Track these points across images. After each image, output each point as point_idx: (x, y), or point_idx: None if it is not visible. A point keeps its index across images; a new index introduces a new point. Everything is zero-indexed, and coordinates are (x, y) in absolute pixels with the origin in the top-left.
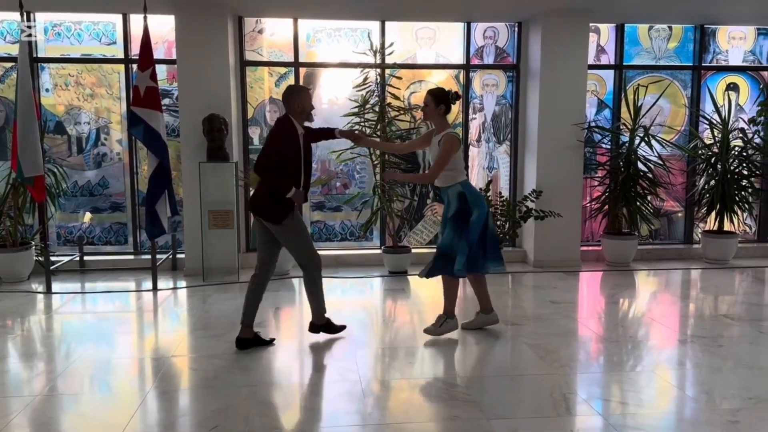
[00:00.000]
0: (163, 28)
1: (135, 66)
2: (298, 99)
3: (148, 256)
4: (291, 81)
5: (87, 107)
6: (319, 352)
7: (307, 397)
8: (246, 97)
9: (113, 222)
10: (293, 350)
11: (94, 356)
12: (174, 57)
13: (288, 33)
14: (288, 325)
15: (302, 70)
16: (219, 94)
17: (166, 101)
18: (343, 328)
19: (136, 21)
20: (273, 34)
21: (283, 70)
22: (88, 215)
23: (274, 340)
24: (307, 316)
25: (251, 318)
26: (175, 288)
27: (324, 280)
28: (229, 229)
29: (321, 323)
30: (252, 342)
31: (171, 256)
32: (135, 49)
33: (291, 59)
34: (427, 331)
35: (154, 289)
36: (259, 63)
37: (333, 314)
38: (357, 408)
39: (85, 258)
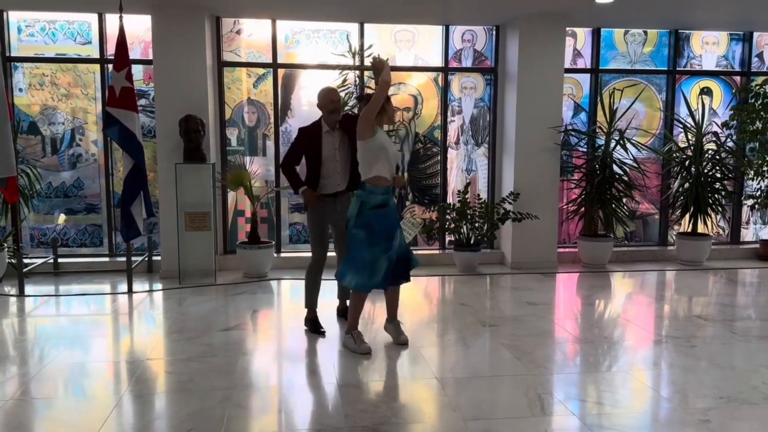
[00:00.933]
0: (139, 28)
1: (111, 66)
2: (318, 99)
3: (124, 258)
4: (269, 82)
5: (62, 107)
6: (297, 354)
7: (285, 400)
8: (224, 97)
9: (88, 224)
10: (271, 353)
11: (67, 360)
12: (150, 57)
13: (266, 34)
14: (265, 327)
15: (281, 72)
16: (196, 95)
17: (142, 102)
18: (322, 333)
19: (112, 20)
20: (251, 35)
21: (261, 71)
22: (62, 217)
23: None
24: (285, 318)
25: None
26: (150, 290)
27: (302, 282)
28: (206, 231)
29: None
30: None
31: (147, 259)
32: (111, 49)
33: (269, 60)
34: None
35: (130, 291)
36: (237, 64)
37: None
38: (335, 410)
39: (60, 260)
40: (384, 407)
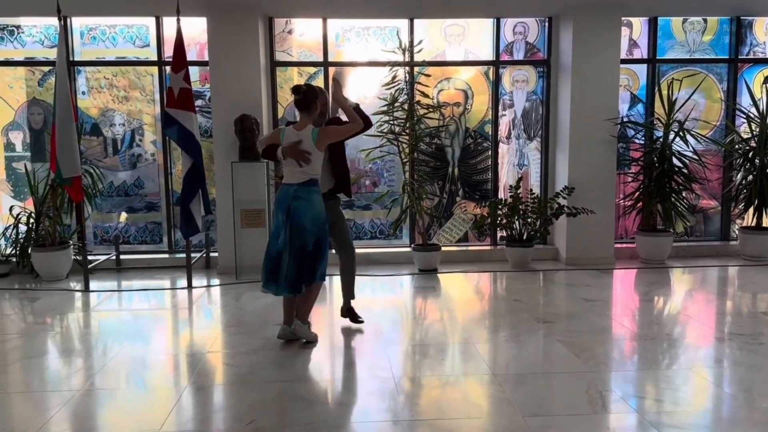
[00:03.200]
0: (195, 30)
1: (168, 68)
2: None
3: (183, 255)
4: (320, 81)
5: (121, 109)
6: (351, 348)
7: (340, 393)
8: (276, 97)
9: (148, 221)
10: (326, 347)
11: (130, 353)
12: (206, 59)
13: (317, 33)
14: (320, 322)
15: (331, 70)
16: (250, 95)
17: (198, 102)
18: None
19: (169, 24)
20: (302, 35)
21: (312, 69)
22: (123, 215)
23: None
24: (337, 312)
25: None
26: (209, 286)
27: (354, 278)
28: (261, 228)
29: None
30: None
31: (205, 255)
32: (168, 52)
33: (320, 59)
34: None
35: (189, 286)
36: (289, 63)
37: (364, 312)
38: (389, 405)
39: (121, 257)
40: (440, 402)
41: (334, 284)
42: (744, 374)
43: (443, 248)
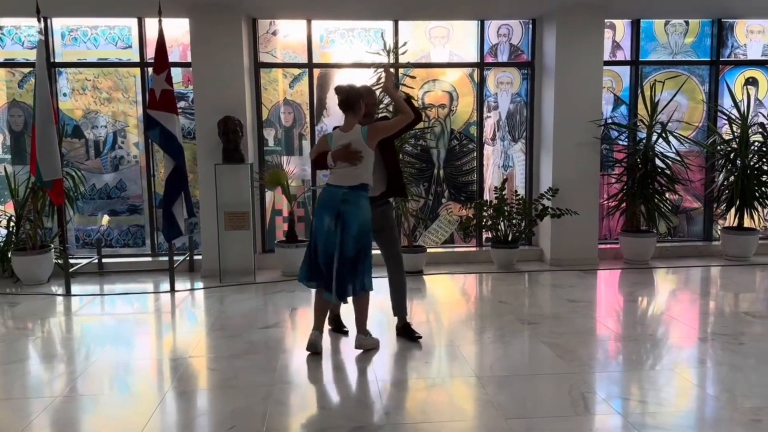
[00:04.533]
0: (177, 31)
1: (150, 69)
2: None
3: (166, 258)
4: (305, 82)
5: (104, 111)
6: (335, 352)
7: (324, 397)
8: (260, 98)
9: (131, 224)
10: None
11: (113, 357)
12: (189, 60)
13: (301, 34)
14: (304, 325)
15: (316, 72)
16: (234, 96)
17: (181, 104)
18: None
19: (151, 25)
20: (286, 36)
21: (297, 71)
22: (105, 218)
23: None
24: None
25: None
26: (192, 289)
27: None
28: (245, 231)
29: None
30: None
31: (188, 258)
32: (150, 53)
33: (305, 60)
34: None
35: (172, 290)
36: (273, 65)
37: (350, 314)
38: (374, 408)
39: (104, 260)
40: (424, 405)
41: None
42: (726, 374)
43: (429, 250)
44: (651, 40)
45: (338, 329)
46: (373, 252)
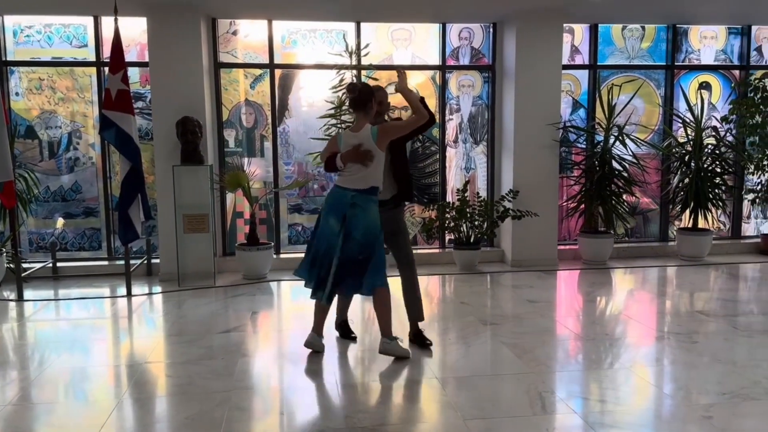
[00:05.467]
0: (135, 30)
1: (107, 69)
2: None
3: (123, 262)
4: (266, 83)
5: (59, 111)
6: (297, 356)
7: (285, 402)
8: (221, 99)
9: (87, 227)
10: (271, 355)
11: (67, 364)
12: (147, 59)
13: (262, 34)
14: (265, 329)
15: (277, 72)
16: (193, 97)
17: (139, 104)
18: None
19: (108, 23)
20: (247, 36)
21: (258, 71)
22: (60, 221)
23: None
24: (285, 320)
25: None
26: (150, 293)
27: (302, 283)
28: (205, 233)
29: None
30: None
31: (146, 261)
32: (107, 52)
33: (266, 61)
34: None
35: (129, 295)
36: (234, 65)
37: (308, 319)
38: (335, 412)
39: (58, 264)
40: (384, 408)
41: (282, 290)
42: (680, 372)
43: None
44: (608, 44)
45: (346, 335)
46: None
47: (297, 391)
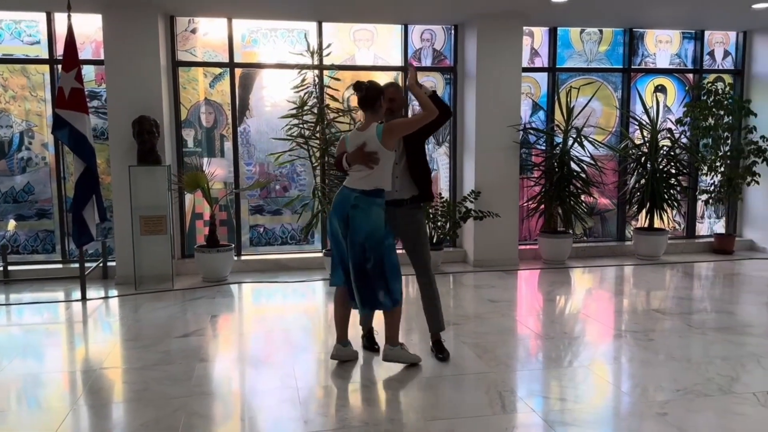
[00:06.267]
0: (90, 27)
1: (60, 67)
2: None
3: (77, 265)
4: (226, 82)
5: (11, 110)
6: (258, 359)
7: (244, 407)
8: (179, 98)
9: (40, 229)
10: (231, 359)
11: (19, 370)
12: (102, 57)
13: (222, 33)
14: (225, 332)
15: (238, 71)
16: (150, 96)
17: (94, 103)
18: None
19: (61, 20)
20: (206, 34)
21: (217, 70)
22: (12, 223)
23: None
24: (246, 323)
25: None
26: (106, 297)
27: (264, 285)
28: (162, 235)
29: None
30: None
31: (101, 264)
32: (60, 50)
33: (226, 60)
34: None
35: (83, 299)
36: (193, 63)
37: (275, 320)
38: (297, 415)
39: (10, 268)
40: (345, 410)
41: (243, 292)
42: (637, 370)
43: None
44: (567, 47)
45: (370, 347)
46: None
47: (256, 396)
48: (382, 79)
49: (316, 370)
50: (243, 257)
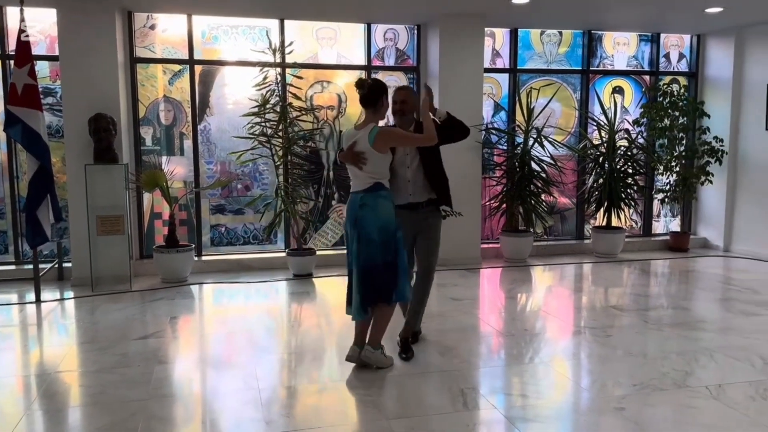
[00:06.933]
0: (44, 22)
1: (13, 62)
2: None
3: (31, 266)
4: (186, 79)
5: None
6: (220, 361)
7: (204, 409)
8: (137, 95)
9: None
10: (191, 360)
11: None
12: (57, 53)
13: (182, 29)
14: (186, 334)
15: (198, 68)
16: (106, 93)
17: (49, 100)
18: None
19: (14, 14)
20: (165, 30)
21: (177, 67)
22: None
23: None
24: (207, 324)
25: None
26: (61, 299)
27: (226, 285)
28: (120, 235)
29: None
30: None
31: (57, 266)
32: (12, 44)
33: (186, 56)
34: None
35: (38, 300)
36: (151, 60)
37: (237, 320)
38: (261, 416)
39: None
40: (308, 411)
41: (203, 293)
42: (596, 366)
43: (319, 252)
44: (528, 49)
45: (404, 350)
46: None
47: (217, 398)
48: (346, 78)
49: (279, 370)
50: (204, 257)
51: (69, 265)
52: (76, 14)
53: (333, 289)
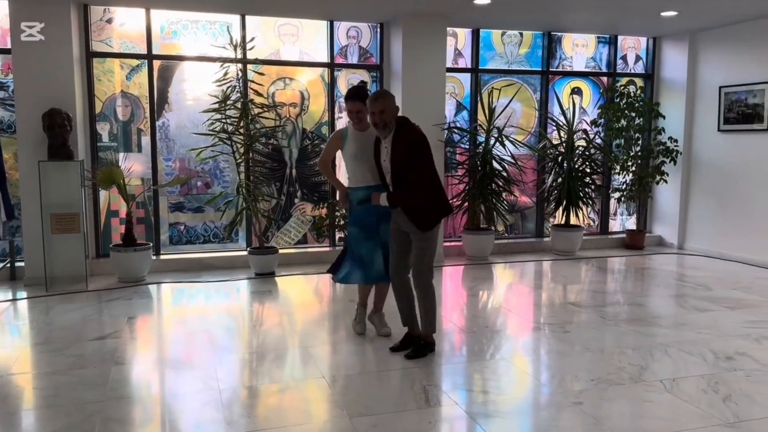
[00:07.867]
0: None
1: None
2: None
3: None
4: (144, 74)
5: None
6: (179, 361)
7: (163, 410)
8: (93, 90)
9: None
10: (149, 361)
11: None
12: (9, 46)
13: (140, 23)
14: (143, 334)
15: (156, 63)
16: (61, 87)
17: (0, 94)
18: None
19: None
20: (123, 24)
21: (135, 62)
22: None
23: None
24: (165, 324)
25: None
26: (14, 299)
27: (186, 285)
28: (75, 234)
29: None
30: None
31: (9, 265)
32: None
33: (144, 51)
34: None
35: None
36: (108, 54)
37: (197, 320)
38: (221, 417)
39: None
40: (270, 410)
41: (162, 292)
42: (555, 361)
43: (281, 251)
44: (489, 49)
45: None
46: None
47: (176, 399)
48: (308, 75)
49: (240, 370)
50: (162, 256)
51: (22, 264)
52: (29, 6)
53: (296, 287)
